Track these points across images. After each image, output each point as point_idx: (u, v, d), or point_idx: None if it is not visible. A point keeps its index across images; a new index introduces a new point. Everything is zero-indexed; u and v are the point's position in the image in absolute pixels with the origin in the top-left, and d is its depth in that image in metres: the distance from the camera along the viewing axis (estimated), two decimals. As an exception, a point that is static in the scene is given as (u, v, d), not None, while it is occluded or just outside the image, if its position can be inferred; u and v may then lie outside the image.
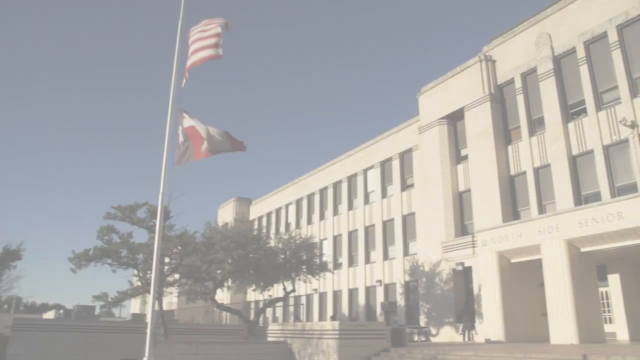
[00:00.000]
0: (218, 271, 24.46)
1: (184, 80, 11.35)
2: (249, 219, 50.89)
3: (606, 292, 24.03)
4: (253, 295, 46.82)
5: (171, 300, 52.66)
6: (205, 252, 24.37)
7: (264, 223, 51.50)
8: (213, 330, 33.24)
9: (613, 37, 22.61)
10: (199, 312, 48.28)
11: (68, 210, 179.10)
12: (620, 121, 21.33)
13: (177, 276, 26.59)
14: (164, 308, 29.90)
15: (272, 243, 28.53)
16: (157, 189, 10.82)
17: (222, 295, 47.86)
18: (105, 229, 24.35)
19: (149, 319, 10.11)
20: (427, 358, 17.58)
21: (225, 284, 26.87)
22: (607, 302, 24.12)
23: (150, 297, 10.29)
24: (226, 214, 54.86)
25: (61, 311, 72.68)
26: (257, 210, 54.33)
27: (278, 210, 50.24)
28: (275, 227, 49.34)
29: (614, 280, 23.53)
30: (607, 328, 22.82)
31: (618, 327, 23.18)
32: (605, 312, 23.79)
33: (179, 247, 24.91)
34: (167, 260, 25.43)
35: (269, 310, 43.49)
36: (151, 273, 21.96)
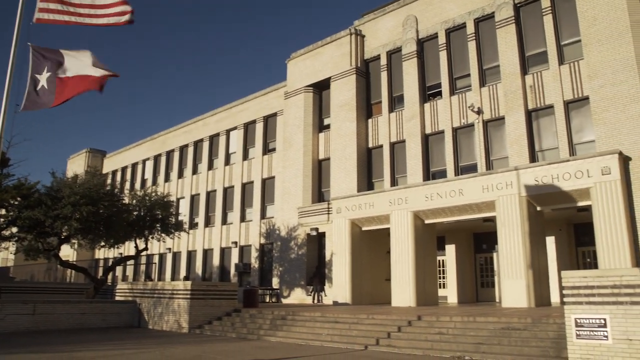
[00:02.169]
0: (64, 227, 22.82)
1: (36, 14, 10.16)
2: (102, 173, 47.99)
3: (443, 260, 26.42)
4: (102, 252, 44.63)
5: (7, 256, 48.35)
6: (50, 206, 22.57)
7: (119, 178, 48.99)
8: (55, 288, 31.27)
9: (470, 28, 24.40)
10: (39, 270, 44.92)
11: None
12: (469, 107, 23.22)
13: (14, 230, 24.37)
14: (-2, 264, 27.36)
15: (126, 199, 27.26)
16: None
17: (68, 252, 44.98)
18: None
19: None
20: (277, 318, 18.13)
21: (72, 241, 25.21)
22: (443, 270, 26.55)
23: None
24: (77, 166, 51.19)
25: None
26: (111, 163, 51.38)
27: (134, 166, 47.96)
28: (130, 182, 47.13)
29: (450, 250, 25.91)
30: (441, 292, 25.20)
31: (450, 292, 25.67)
32: (440, 279, 26.18)
33: (18, 199, 22.77)
34: (3, 212, 23.15)
35: (118, 269, 41.79)
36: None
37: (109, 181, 47.28)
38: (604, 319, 9.96)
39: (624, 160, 18.10)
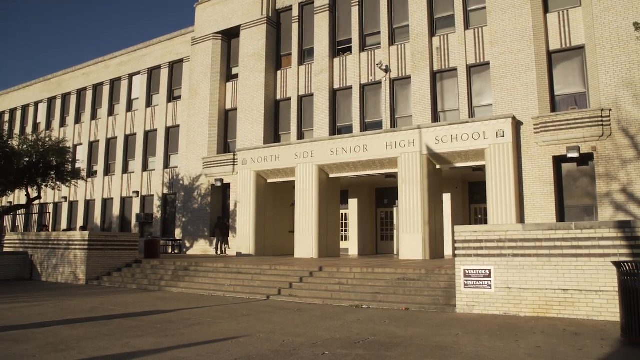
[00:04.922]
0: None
1: None
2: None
3: (345, 214, 27.19)
4: (-12, 200, 41.59)
5: None
6: None
7: (6, 120, 45.29)
8: None
9: (383, -15, 24.49)
10: None
11: None
12: (377, 64, 23.54)
13: None
14: None
15: (16, 144, 25.39)
16: None
17: (-54, 198, 41.38)
18: None
19: None
20: (180, 269, 17.97)
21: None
22: (345, 223, 27.36)
23: None
24: (-45, 104, 46.70)
25: None
26: (-3, 104, 47.35)
27: (25, 108, 44.46)
28: (21, 126, 43.77)
29: (352, 204, 26.69)
30: (343, 245, 26.07)
31: (351, 245, 26.60)
32: (342, 232, 27.00)
33: None
34: None
35: (7, 219, 39.20)
36: None
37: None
38: (489, 270, 10.80)
39: (517, 125, 19.32)
